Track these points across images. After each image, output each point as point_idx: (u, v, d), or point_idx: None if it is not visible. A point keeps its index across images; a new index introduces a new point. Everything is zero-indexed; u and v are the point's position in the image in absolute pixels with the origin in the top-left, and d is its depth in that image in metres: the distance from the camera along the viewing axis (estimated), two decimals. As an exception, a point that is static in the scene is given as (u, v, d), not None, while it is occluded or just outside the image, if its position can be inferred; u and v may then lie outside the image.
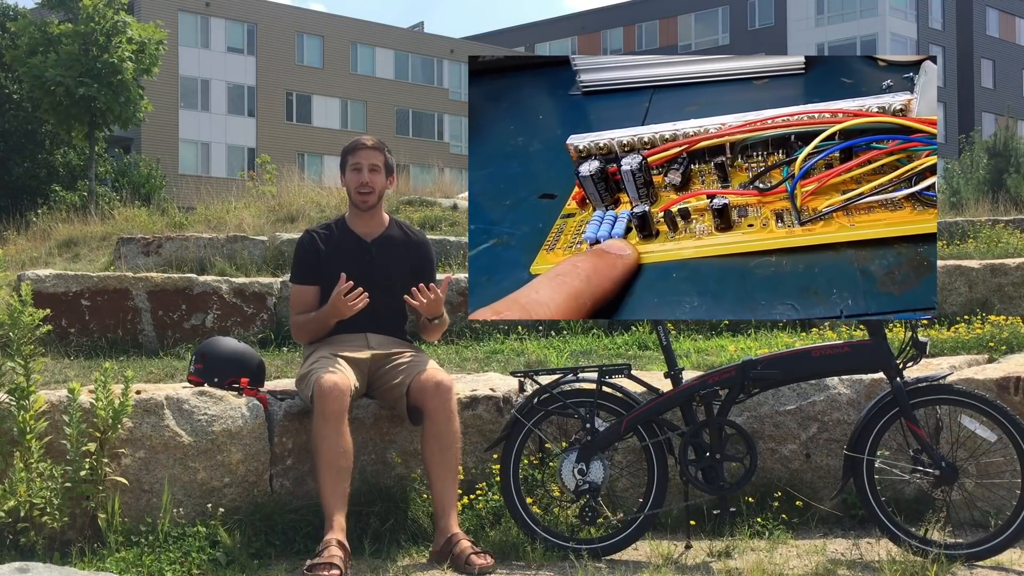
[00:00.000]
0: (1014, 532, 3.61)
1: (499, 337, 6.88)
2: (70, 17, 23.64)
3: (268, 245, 8.74)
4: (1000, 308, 6.86)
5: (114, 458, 3.70)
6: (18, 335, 3.62)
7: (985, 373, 4.32)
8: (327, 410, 3.71)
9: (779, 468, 4.24)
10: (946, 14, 54.74)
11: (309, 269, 4.16)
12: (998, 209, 14.31)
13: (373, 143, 4.20)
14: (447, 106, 51.91)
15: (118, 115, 23.27)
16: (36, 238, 12.74)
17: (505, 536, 3.86)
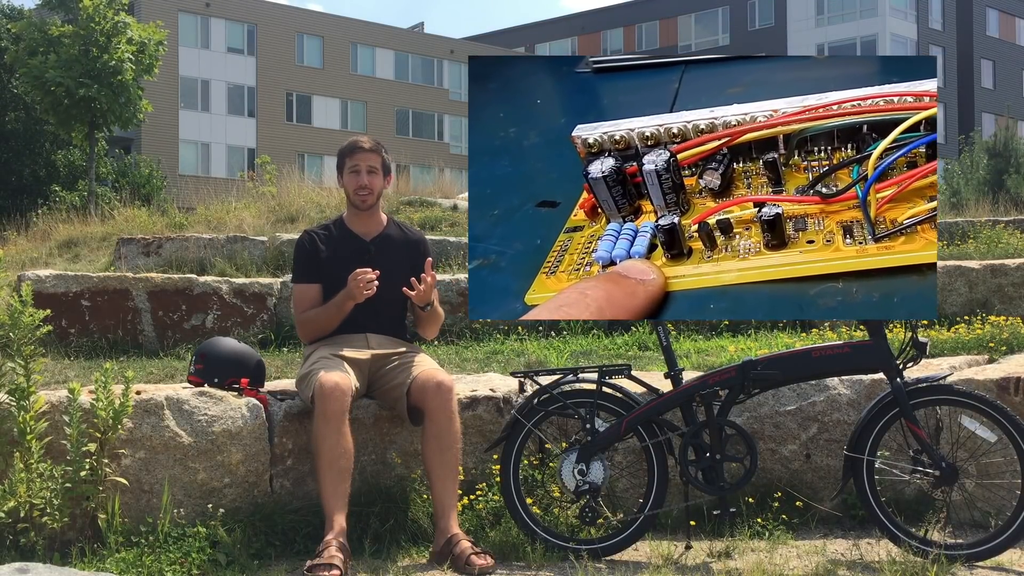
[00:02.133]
0: (1014, 532, 3.61)
1: (499, 337, 6.88)
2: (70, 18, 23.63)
3: (268, 245, 8.74)
4: (1000, 308, 6.86)
5: (114, 458, 3.70)
6: (18, 335, 3.62)
7: (985, 373, 4.32)
8: (328, 410, 3.71)
9: (779, 468, 4.24)
10: (946, 14, 54.72)
11: (310, 268, 4.17)
12: (998, 209, 14.29)
13: (370, 145, 4.20)
14: (447, 106, 51.90)
15: (118, 116, 23.24)
16: (36, 238, 12.72)
17: (505, 536, 3.86)
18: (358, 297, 3.95)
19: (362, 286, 3.92)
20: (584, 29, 61.51)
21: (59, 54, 22.35)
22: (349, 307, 4.02)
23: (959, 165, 28.05)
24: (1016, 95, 55.28)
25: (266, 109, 47.08)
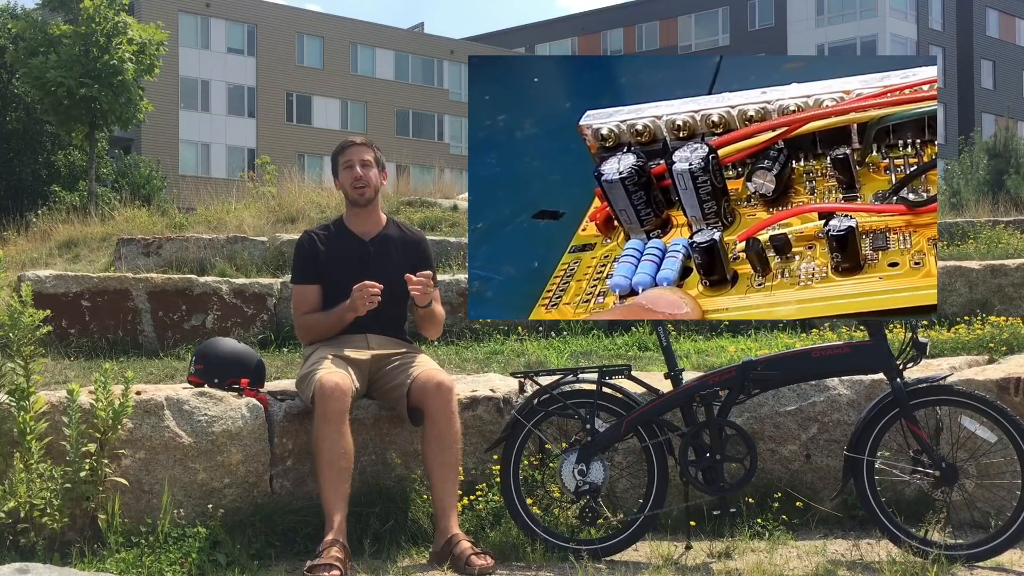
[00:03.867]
0: (1014, 533, 3.60)
1: (499, 338, 6.88)
2: (71, 18, 23.64)
3: (268, 246, 8.74)
4: (1000, 309, 6.86)
5: (114, 459, 3.70)
6: (18, 336, 3.62)
7: (985, 374, 4.32)
8: (328, 411, 3.71)
9: (779, 469, 4.24)
10: (946, 15, 54.72)
11: (310, 268, 4.17)
12: (998, 210, 14.29)
13: (361, 140, 4.26)
14: (447, 107, 51.91)
15: (119, 116, 23.26)
16: (36, 239, 12.73)
17: (505, 537, 3.86)
18: (360, 310, 3.96)
19: (366, 300, 3.93)
20: (584, 30, 61.52)
21: (59, 54, 22.37)
22: (350, 319, 4.03)
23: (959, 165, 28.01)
24: (1016, 95, 55.27)
25: (266, 109, 47.09)
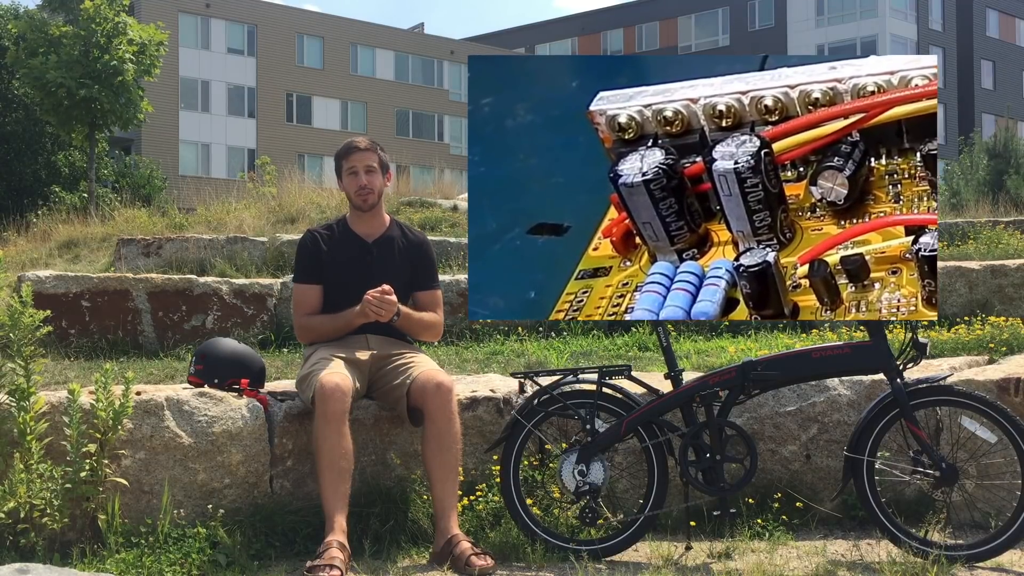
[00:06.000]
0: (1014, 533, 3.60)
1: (499, 338, 6.88)
2: (71, 19, 23.63)
3: (268, 246, 8.74)
4: (1000, 309, 6.86)
5: (114, 459, 3.70)
6: (18, 336, 3.62)
7: (985, 374, 4.32)
8: (328, 411, 3.71)
9: (779, 469, 4.24)
10: (946, 15, 54.72)
11: (312, 268, 4.17)
12: (998, 210, 14.28)
13: (365, 145, 4.22)
14: (447, 107, 51.90)
15: (119, 116, 23.24)
16: (36, 239, 12.73)
17: (505, 537, 3.86)
18: (371, 317, 3.96)
19: (380, 311, 3.92)
20: (584, 30, 61.52)
21: (60, 55, 22.35)
22: (358, 324, 4.03)
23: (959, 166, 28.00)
24: (1016, 96, 55.26)
25: (266, 110, 47.08)
